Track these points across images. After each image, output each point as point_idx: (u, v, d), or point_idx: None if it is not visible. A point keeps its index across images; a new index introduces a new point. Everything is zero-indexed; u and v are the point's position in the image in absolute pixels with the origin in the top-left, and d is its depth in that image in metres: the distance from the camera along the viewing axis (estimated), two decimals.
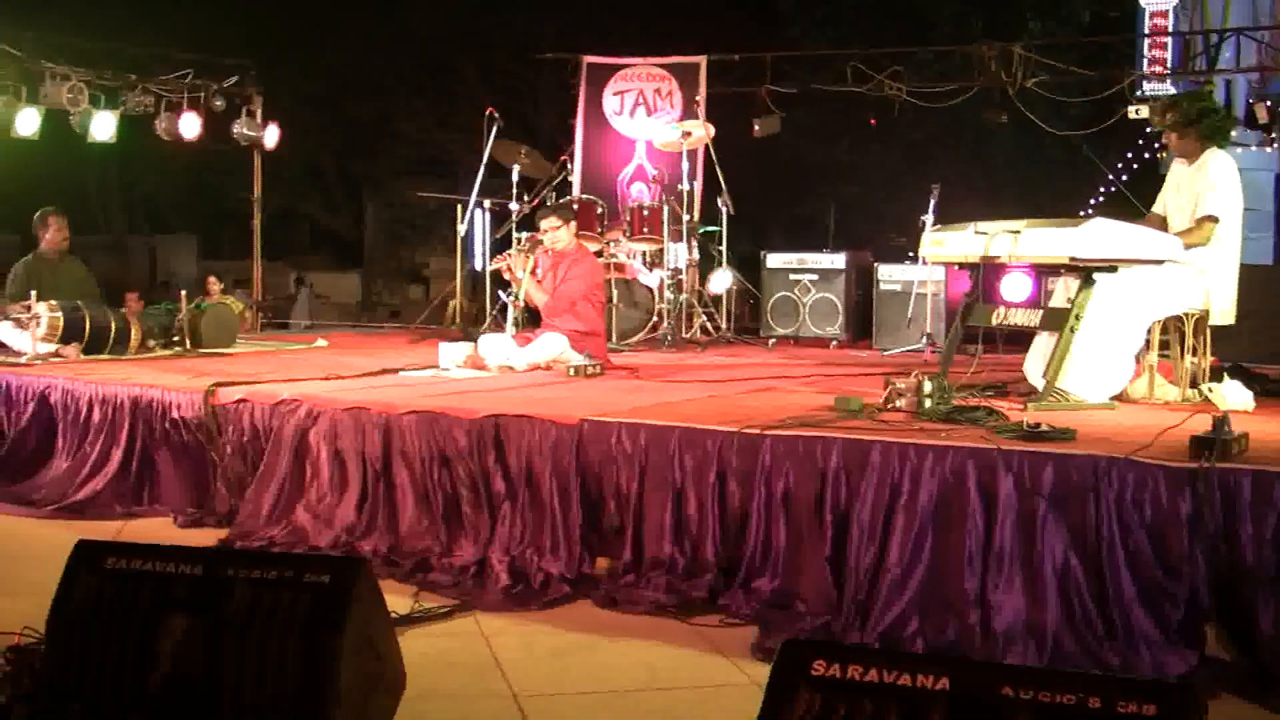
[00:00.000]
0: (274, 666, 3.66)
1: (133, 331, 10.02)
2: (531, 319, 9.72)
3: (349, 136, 29.68)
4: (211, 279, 17.36)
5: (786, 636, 4.53)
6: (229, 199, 24.97)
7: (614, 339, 11.13)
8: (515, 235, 12.02)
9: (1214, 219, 7.10)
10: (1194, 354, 7.18)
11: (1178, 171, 7.56)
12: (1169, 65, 18.75)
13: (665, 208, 11.86)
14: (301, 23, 27.05)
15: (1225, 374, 7.11)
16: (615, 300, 11.48)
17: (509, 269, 9.35)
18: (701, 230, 12.69)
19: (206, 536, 6.84)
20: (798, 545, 5.51)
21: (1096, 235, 6.52)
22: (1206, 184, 7.19)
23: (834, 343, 12.14)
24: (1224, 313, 7.24)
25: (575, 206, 11.21)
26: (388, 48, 27.63)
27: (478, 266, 13.85)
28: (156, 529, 7.15)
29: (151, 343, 10.35)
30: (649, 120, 14.29)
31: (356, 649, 3.74)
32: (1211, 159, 7.28)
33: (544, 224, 9.30)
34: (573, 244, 9.32)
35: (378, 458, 6.62)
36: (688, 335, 11.99)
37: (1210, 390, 6.94)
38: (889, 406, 6.49)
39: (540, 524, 6.07)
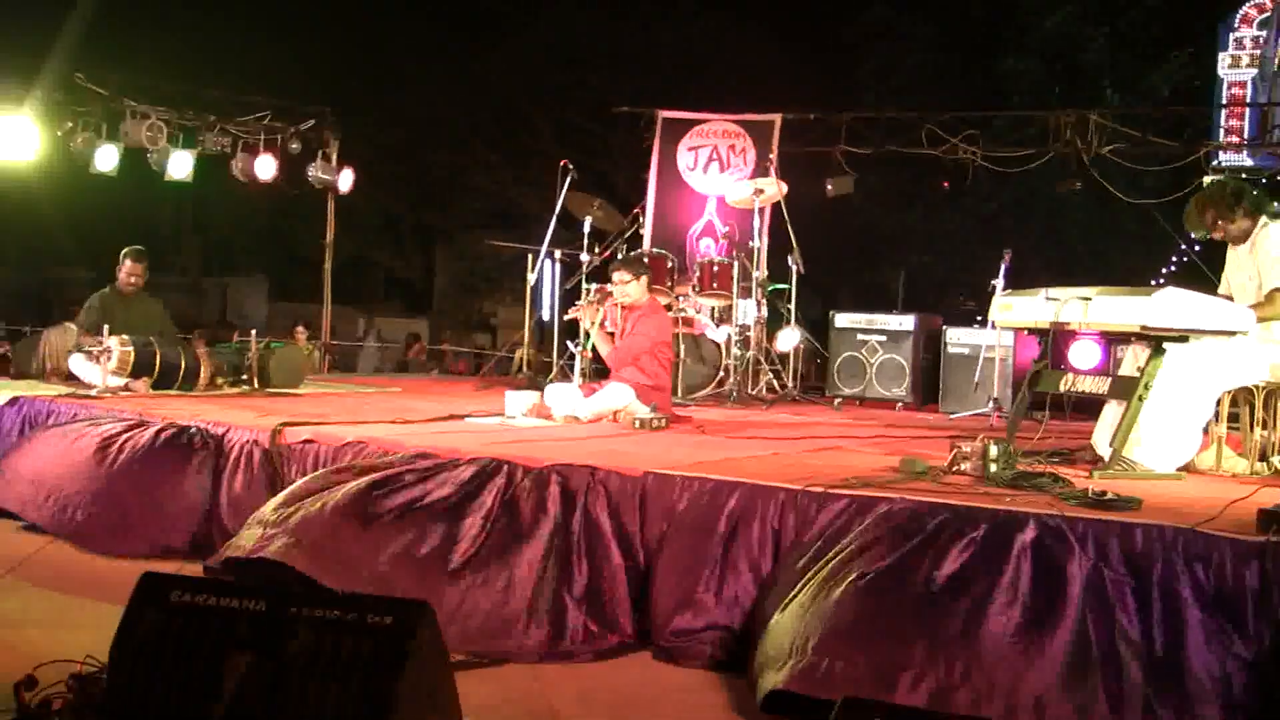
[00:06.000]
0: (332, 710, 3.67)
1: (202, 368, 10.14)
2: (599, 370, 9.74)
3: (423, 186, 30.03)
4: (299, 329, 17.51)
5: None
6: (301, 243, 25.29)
7: (680, 394, 11.15)
8: (585, 286, 12.07)
9: None
10: (1264, 427, 7.10)
11: (1235, 251, 7.57)
12: (1245, 136, 18.61)
13: (735, 264, 11.88)
14: (380, 73, 27.52)
15: None
16: (682, 355, 11.49)
17: (583, 317, 9.42)
18: (770, 288, 12.69)
19: None
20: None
21: (1168, 304, 6.48)
22: (1268, 257, 7.17)
23: (900, 405, 12.10)
24: None
25: (646, 260, 11.25)
26: (465, 101, 28.01)
27: (546, 316, 13.90)
28: None
29: (220, 380, 10.48)
30: (721, 176, 14.35)
31: (415, 695, 3.74)
32: (1263, 233, 7.28)
33: (615, 277, 9.32)
34: (645, 298, 9.34)
35: None
36: (753, 392, 11.98)
37: None
38: (954, 470, 6.46)
39: (600, 574, 6.05)
